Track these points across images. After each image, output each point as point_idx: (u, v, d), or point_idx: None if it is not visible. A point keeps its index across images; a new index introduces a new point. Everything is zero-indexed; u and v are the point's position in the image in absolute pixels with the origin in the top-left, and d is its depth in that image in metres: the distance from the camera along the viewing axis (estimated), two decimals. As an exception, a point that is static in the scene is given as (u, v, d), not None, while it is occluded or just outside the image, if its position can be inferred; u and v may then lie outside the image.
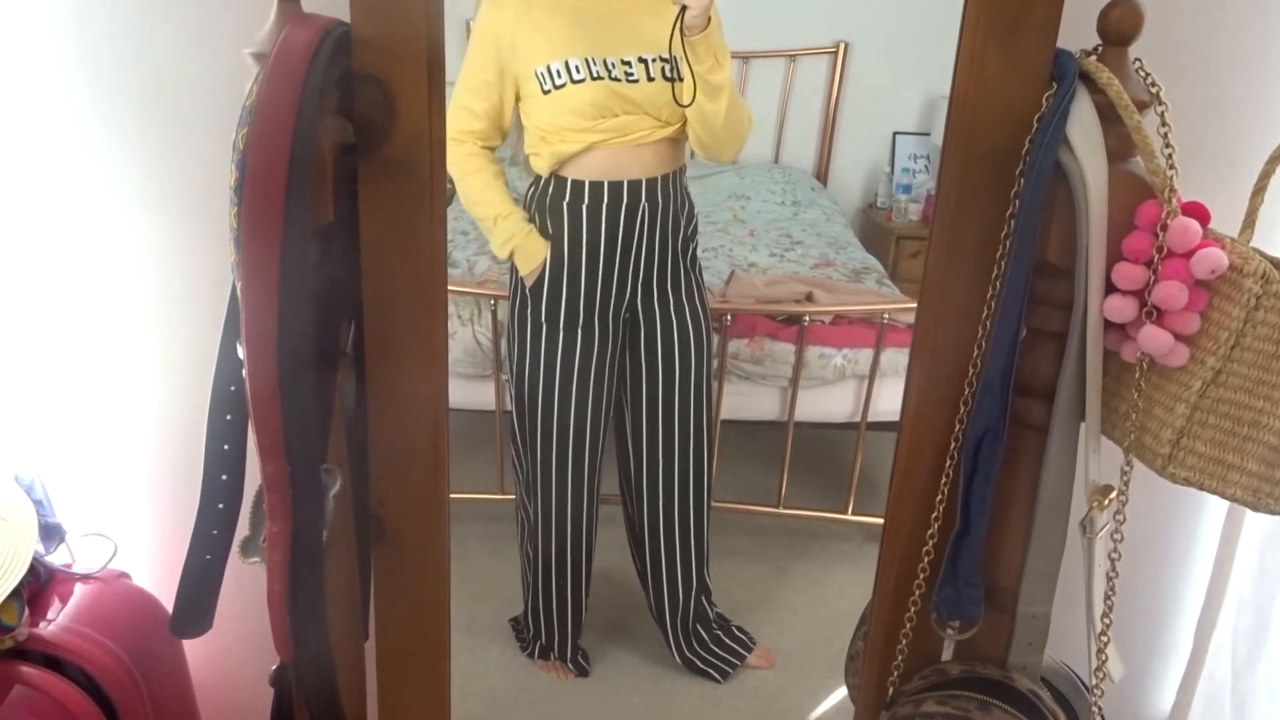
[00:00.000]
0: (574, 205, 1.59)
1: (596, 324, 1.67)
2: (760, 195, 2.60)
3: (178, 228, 1.18)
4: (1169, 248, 0.78)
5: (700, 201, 2.45)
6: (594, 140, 1.56)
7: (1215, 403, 0.79)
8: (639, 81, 1.53)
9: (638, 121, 1.56)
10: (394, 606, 1.02)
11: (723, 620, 1.90)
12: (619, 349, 1.74)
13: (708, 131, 1.57)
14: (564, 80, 1.52)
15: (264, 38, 0.85)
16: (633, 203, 1.60)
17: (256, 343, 0.82)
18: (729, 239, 2.34)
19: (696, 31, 1.41)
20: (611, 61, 1.51)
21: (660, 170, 1.62)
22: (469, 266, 1.97)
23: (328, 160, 0.86)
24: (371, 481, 0.98)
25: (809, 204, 2.56)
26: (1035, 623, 0.94)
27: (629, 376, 1.77)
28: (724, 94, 1.52)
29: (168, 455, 1.27)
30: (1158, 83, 0.82)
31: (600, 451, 1.78)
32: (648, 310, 1.70)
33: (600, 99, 1.52)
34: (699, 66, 1.46)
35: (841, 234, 2.41)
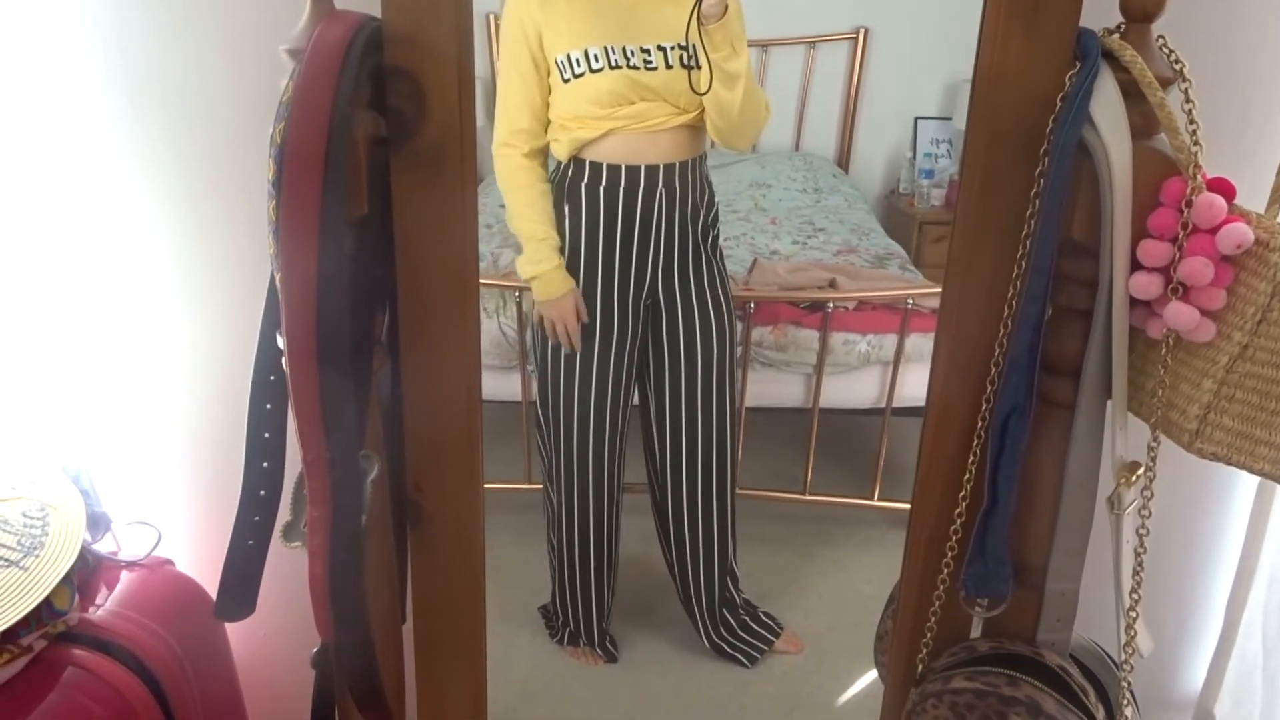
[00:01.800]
0: (592, 187, 1.61)
1: (616, 309, 1.68)
2: (782, 183, 2.60)
3: (216, 221, 1.21)
4: (1194, 224, 0.78)
5: (721, 190, 2.45)
6: (612, 127, 1.57)
7: (1242, 378, 0.80)
8: (657, 69, 1.54)
9: (655, 108, 1.57)
10: (431, 589, 1.04)
11: (750, 606, 1.92)
12: (641, 336, 1.75)
13: (724, 119, 1.57)
14: (583, 69, 1.53)
15: (299, 34, 0.87)
16: (650, 187, 1.61)
17: (296, 332, 0.84)
18: (751, 227, 2.34)
19: (714, 20, 1.42)
20: (630, 50, 1.52)
21: (679, 156, 1.63)
22: (494, 259, 1.99)
23: (361, 153, 0.87)
24: (408, 467, 1.00)
25: (831, 191, 2.55)
26: (1063, 599, 0.94)
27: (652, 364, 1.78)
28: (740, 82, 1.53)
29: (209, 444, 1.30)
30: (1181, 60, 0.82)
31: (622, 438, 1.79)
32: (669, 297, 1.71)
33: (618, 88, 1.53)
34: (716, 55, 1.47)
35: (864, 220, 2.41)
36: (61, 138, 1.19)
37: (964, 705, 0.92)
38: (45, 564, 0.99)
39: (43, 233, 1.23)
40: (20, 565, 0.97)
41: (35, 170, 1.20)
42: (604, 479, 1.80)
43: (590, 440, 1.75)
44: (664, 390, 1.78)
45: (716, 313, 1.75)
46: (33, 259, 1.24)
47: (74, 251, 1.24)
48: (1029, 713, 0.89)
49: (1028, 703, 0.90)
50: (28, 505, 1.06)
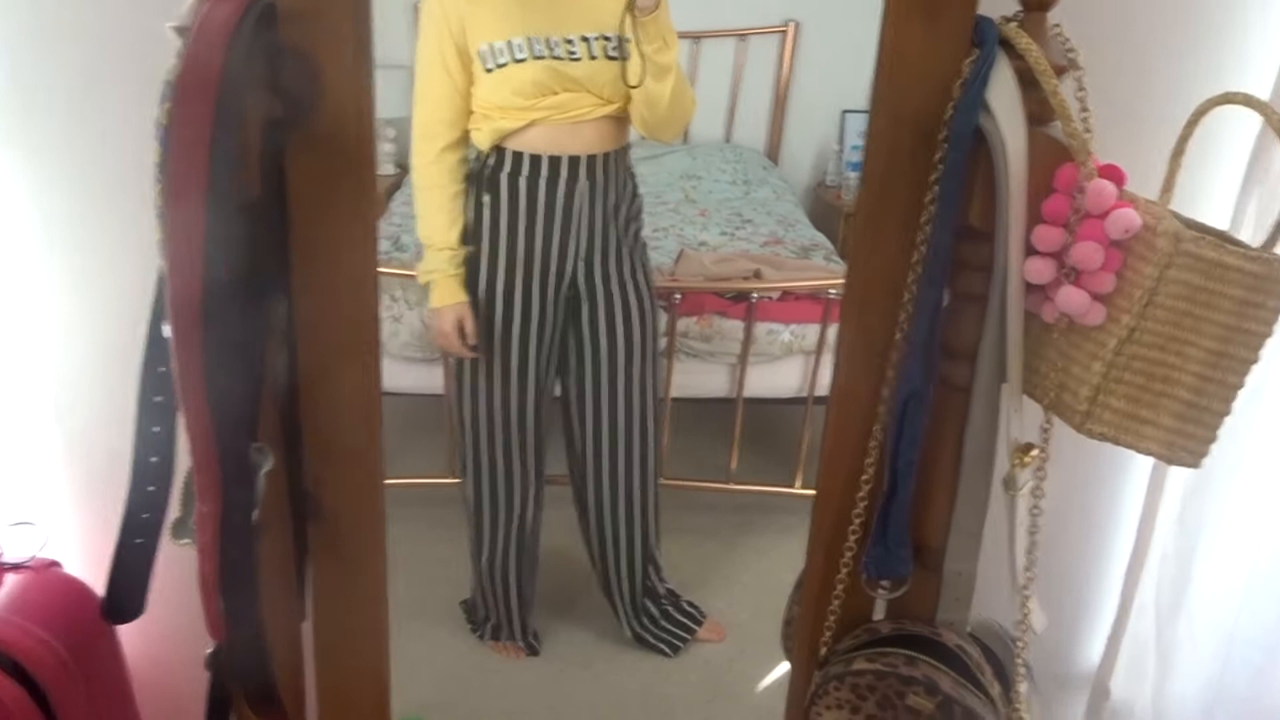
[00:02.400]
0: (512, 176, 1.59)
1: (536, 300, 1.67)
2: (712, 175, 2.62)
3: (99, 206, 1.16)
4: (1086, 209, 0.80)
5: (652, 181, 2.46)
6: (535, 117, 1.55)
7: (1130, 359, 0.81)
8: (581, 60, 1.53)
9: (578, 99, 1.56)
10: (331, 585, 1.02)
11: (673, 595, 1.92)
12: (562, 328, 1.74)
13: (652, 111, 1.57)
14: (506, 59, 1.51)
15: (186, 11, 0.83)
16: (571, 178, 1.60)
17: (182, 321, 0.81)
18: (680, 218, 2.35)
19: (647, 12, 1.42)
20: (554, 40, 1.51)
21: (602, 148, 1.62)
22: (417, 250, 1.96)
23: (254, 135, 0.85)
24: (305, 459, 0.98)
25: (760, 183, 2.57)
26: (961, 580, 0.96)
27: (573, 355, 1.77)
28: (670, 75, 1.53)
29: (96, 440, 1.25)
30: (1075, 48, 0.83)
31: (541, 430, 1.78)
32: (590, 289, 1.71)
33: (541, 78, 1.52)
34: (647, 47, 1.47)
35: (791, 212, 2.43)
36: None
37: (865, 686, 0.93)
38: (-82, 568, 0.94)
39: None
40: (-110, 569, 0.93)
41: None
42: (523, 471, 1.79)
43: (506, 433, 1.74)
44: (584, 381, 1.77)
45: (639, 304, 1.75)
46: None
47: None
48: (926, 691, 0.91)
49: (925, 682, 0.91)
50: (-100, 506, 1.01)
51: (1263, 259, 0.77)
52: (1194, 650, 1.26)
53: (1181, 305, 0.79)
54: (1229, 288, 0.78)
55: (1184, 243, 0.77)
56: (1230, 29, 1.12)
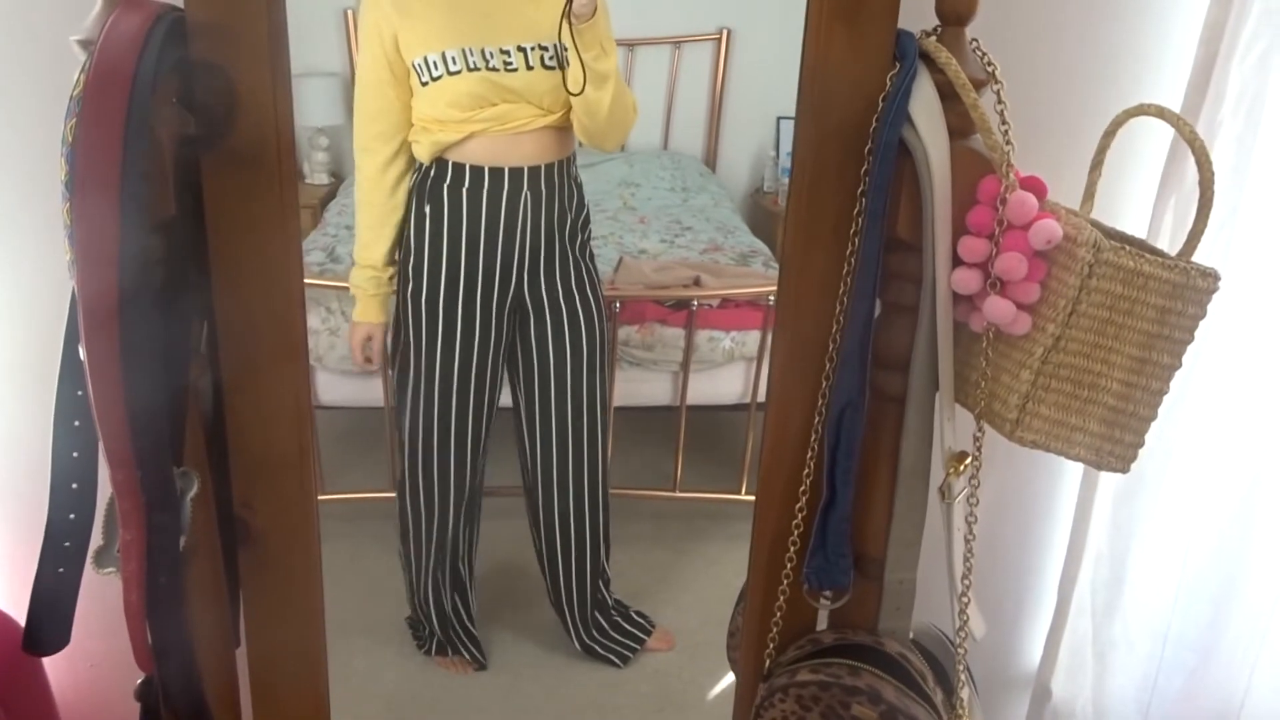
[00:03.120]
0: (454, 188, 1.57)
1: (479, 314, 1.65)
2: (650, 182, 2.61)
3: (9, 227, 1.12)
4: (1009, 220, 0.81)
5: (590, 189, 2.44)
6: (473, 129, 1.54)
7: (1057, 368, 0.83)
8: (518, 70, 1.52)
9: (518, 110, 1.55)
10: (265, 609, 0.99)
11: (621, 606, 1.91)
12: (508, 340, 1.73)
13: (592, 120, 1.56)
14: (440, 72, 1.50)
15: (91, 24, 0.80)
16: (514, 190, 1.58)
17: (97, 344, 0.79)
18: (619, 226, 2.34)
19: (584, 20, 1.41)
20: (490, 51, 1.50)
21: (543, 159, 1.61)
22: (352, 262, 1.93)
23: (166, 151, 0.82)
24: (234, 483, 0.95)
25: (698, 190, 2.58)
26: (902, 588, 0.97)
27: (521, 367, 1.75)
28: (610, 82, 1.52)
29: (14, 466, 1.21)
30: (994, 62, 0.85)
31: (484, 442, 1.76)
32: (536, 301, 1.69)
33: (478, 90, 1.50)
34: (586, 55, 1.46)
35: (729, 219, 2.44)
36: None
37: (809, 697, 0.94)
38: None
39: None
40: None
41: None
42: (462, 485, 1.77)
43: (446, 448, 1.72)
44: (534, 393, 1.76)
45: (586, 315, 1.74)
46: None
47: None
48: (870, 701, 0.91)
49: (869, 691, 0.91)
50: None
51: (1180, 267, 0.79)
52: (1130, 650, 1.29)
53: (1104, 314, 0.80)
54: (1149, 295, 0.80)
55: (1104, 252, 0.78)
56: (1143, 41, 1.15)
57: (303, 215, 1.12)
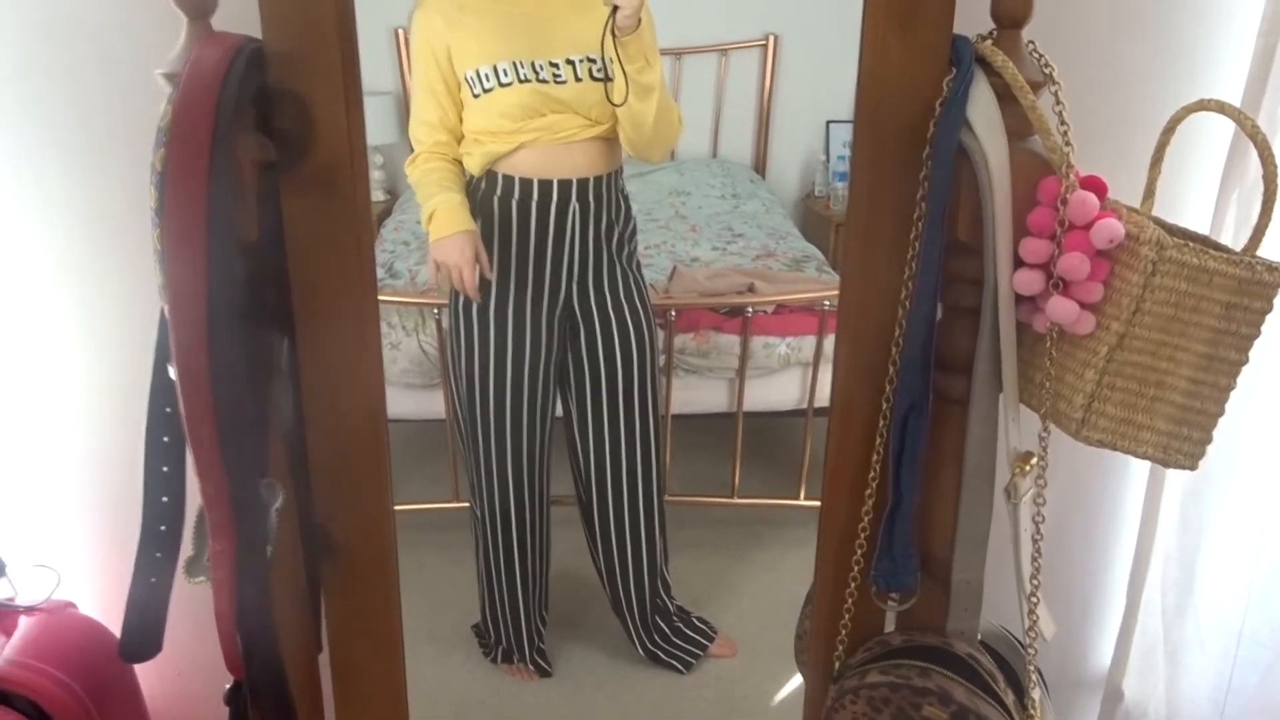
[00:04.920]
0: (504, 200, 1.60)
1: (529, 322, 1.68)
2: (700, 190, 2.63)
3: (106, 253, 1.18)
4: (1070, 220, 0.81)
5: (641, 199, 2.47)
6: (524, 140, 1.57)
7: (1122, 366, 0.83)
8: (567, 83, 1.54)
9: (566, 120, 1.57)
10: (345, 616, 1.03)
11: (683, 612, 1.93)
12: (559, 349, 1.75)
13: (638, 131, 1.58)
14: (492, 84, 1.53)
15: (175, 58, 0.85)
16: (562, 201, 1.61)
17: (187, 363, 0.82)
18: (671, 235, 2.36)
19: (628, 32, 1.43)
20: (540, 64, 1.52)
21: (592, 171, 1.63)
22: (411, 276, 1.97)
23: (248, 177, 0.86)
24: (315, 494, 0.99)
25: (749, 196, 2.59)
26: (969, 589, 0.97)
27: (573, 376, 1.78)
28: (654, 94, 1.54)
29: (107, 481, 1.26)
30: (1051, 63, 0.85)
31: (545, 451, 1.79)
32: (585, 311, 1.72)
33: (528, 101, 1.53)
34: (630, 67, 1.47)
35: (781, 224, 2.44)
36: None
37: (880, 699, 0.94)
38: (-67, 616, 0.95)
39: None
40: (-94, 619, 0.93)
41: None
42: (528, 492, 1.79)
43: (510, 454, 1.75)
44: (585, 402, 1.78)
45: (635, 324, 1.76)
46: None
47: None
48: (940, 702, 0.91)
49: (939, 692, 0.92)
50: (-87, 555, 1.02)
51: (1245, 262, 0.79)
52: (1202, 649, 1.27)
53: (1169, 311, 0.80)
54: (1214, 292, 0.79)
55: (1167, 250, 0.78)
56: (1201, 36, 1.14)
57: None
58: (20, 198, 1.17)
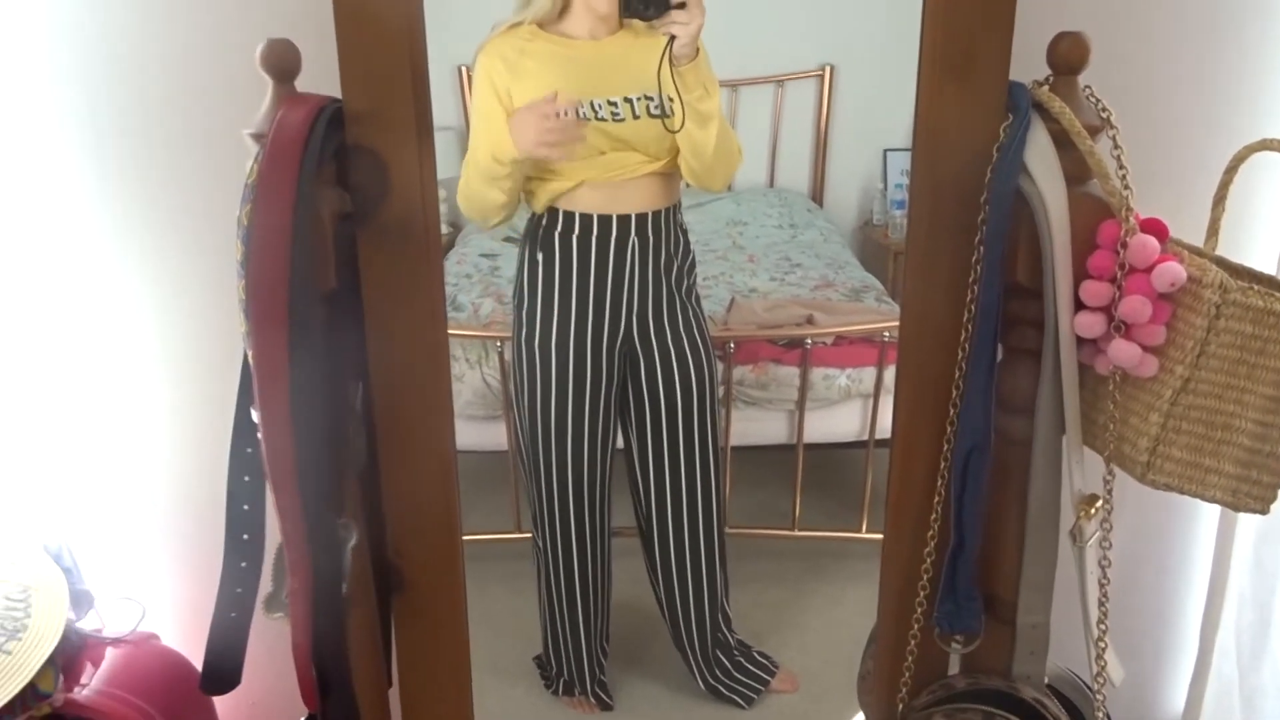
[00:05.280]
0: (565, 236, 1.63)
1: (590, 355, 1.70)
2: (758, 220, 2.64)
3: (194, 301, 1.24)
4: (1130, 264, 0.81)
5: (699, 229, 2.49)
6: (584, 176, 1.60)
7: (1187, 409, 0.82)
8: (625, 120, 1.57)
9: (626, 157, 1.60)
10: (415, 652, 1.05)
11: (744, 646, 1.92)
12: (620, 382, 1.77)
13: (699, 159, 1.60)
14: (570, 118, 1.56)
15: (261, 118, 0.90)
16: (622, 236, 1.64)
17: (270, 409, 0.87)
18: (729, 265, 2.37)
19: (685, 61, 1.45)
20: (599, 103, 1.56)
21: (650, 206, 1.66)
22: (474, 309, 2.01)
23: (327, 229, 0.90)
24: (388, 532, 1.02)
25: (806, 225, 2.59)
26: (1035, 632, 0.96)
27: (633, 408, 1.80)
28: (713, 122, 1.56)
29: (189, 517, 1.31)
30: (1108, 108, 0.85)
31: (606, 483, 1.81)
32: (645, 345, 1.74)
33: (590, 138, 1.57)
34: (688, 95, 1.50)
35: (839, 253, 2.44)
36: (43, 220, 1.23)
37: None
38: (28, 647, 0.99)
39: (23, 311, 1.25)
40: (3, 650, 0.98)
41: (12, 248, 1.23)
42: (590, 524, 1.81)
43: (571, 486, 1.77)
44: (645, 434, 1.80)
45: (694, 356, 1.77)
46: (11, 337, 1.26)
47: (53, 330, 1.27)
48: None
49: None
50: (9, 588, 1.07)
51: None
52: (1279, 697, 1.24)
53: (1234, 354, 0.79)
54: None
55: (1231, 293, 0.78)
56: (1261, 76, 1.13)
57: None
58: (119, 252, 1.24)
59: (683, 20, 1.41)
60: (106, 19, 1.15)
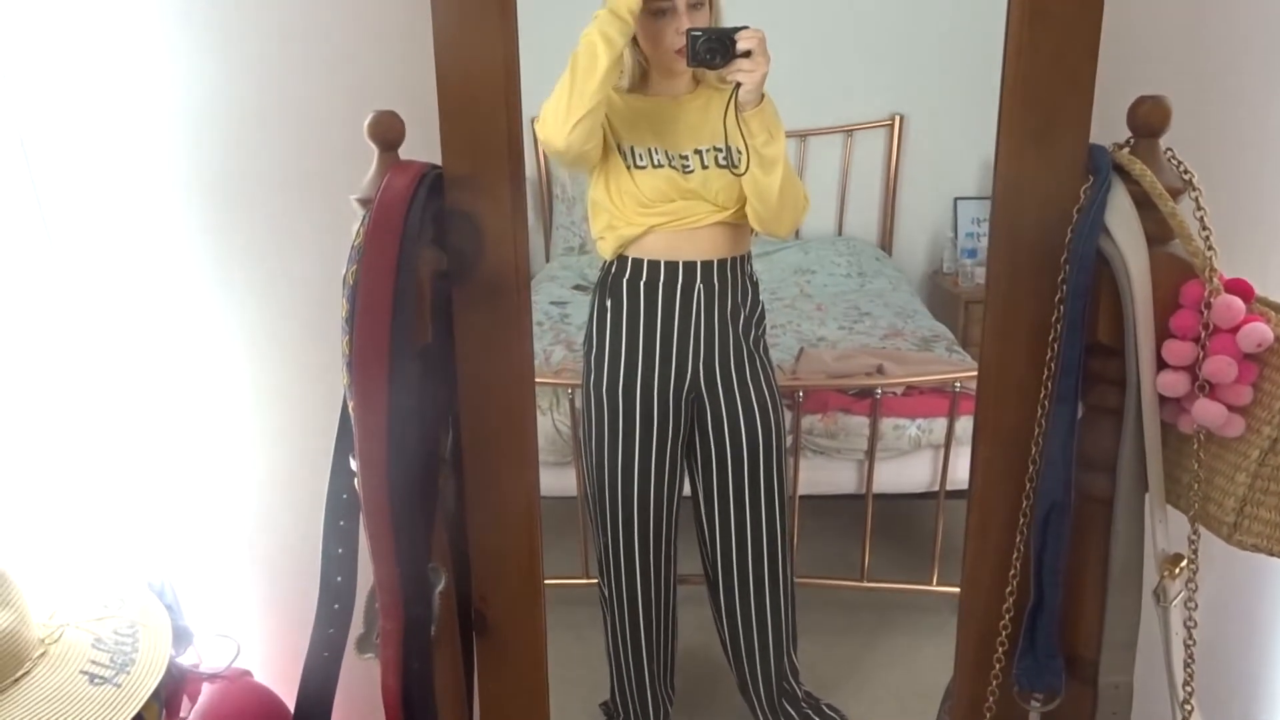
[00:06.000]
0: (633, 281, 1.67)
1: (656, 400, 1.72)
2: (826, 269, 2.65)
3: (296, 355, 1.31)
4: (1215, 324, 0.82)
5: (767, 278, 2.50)
6: (653, 223, 1.64)
7: (1276, 470, 0.82)
8: (694, 170, 1.62)
9: (694, 206, 1.64)
10: (497, 694, 1.08)
11: (811, 698, 1.90)
12: (686, 430, 1.79)
13: (764, 204, 1.63)
14: (645, 163, 1.61)
15: (367, 184, 0.95)
16: (688, 283, 1.67)
17: (369, 457, 0.91)
18: (797, 314, 2.38)
19: (750, 107, 1.49)
20: (672, 154, 1.61)
21: (717, 254, 1.69)
22: (545, 357, 2.06)
23: (426, 288, 0.95)
24: (473, 577, 1.05)
25: (875, 274, 2.59)
26: (1118, 693, 0.95)
27: (699, 456, 1.81)
28: (779, 167, 1.59)
29: (284, 558, 1.37)
30: (1190, 170, 0.86)
31: (672, 530, 1.82)
32: (712, 392, 1.76)
33: (660, 185, 1.61)
34: (753, 140, 1.53)
35: (909, 302, 2.43)
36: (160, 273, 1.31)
37: (1025, 803, 0.93)
38: (136, 680, 1.04)
39: (133, 358, 1.33)
40: (114, 682, 1.03)
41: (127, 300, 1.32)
42: (656, 571, 1.82)
43: (638, 532, 1.78)
44: (712, 482, 1.81)
45: (760, 406, 1.78)
46: (120, 380, 1.33)
47: (158, 375, 1.34)
48: (1090, 810, 0.89)
49: (1088, 800, 0.90)
50: (118, 623, 1.12)
51: (1405, 366, 0.77)
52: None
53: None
54: (1372, 395, 0.78)
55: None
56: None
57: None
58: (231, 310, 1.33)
59: (748, 68, 1.45)
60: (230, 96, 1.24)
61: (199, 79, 1.23)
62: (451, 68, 0.92)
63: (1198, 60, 1.10)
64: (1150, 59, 1.06)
